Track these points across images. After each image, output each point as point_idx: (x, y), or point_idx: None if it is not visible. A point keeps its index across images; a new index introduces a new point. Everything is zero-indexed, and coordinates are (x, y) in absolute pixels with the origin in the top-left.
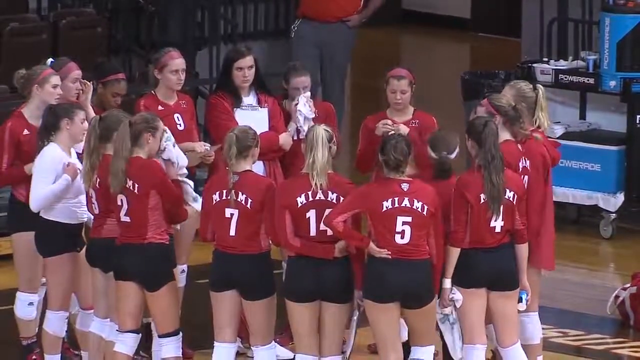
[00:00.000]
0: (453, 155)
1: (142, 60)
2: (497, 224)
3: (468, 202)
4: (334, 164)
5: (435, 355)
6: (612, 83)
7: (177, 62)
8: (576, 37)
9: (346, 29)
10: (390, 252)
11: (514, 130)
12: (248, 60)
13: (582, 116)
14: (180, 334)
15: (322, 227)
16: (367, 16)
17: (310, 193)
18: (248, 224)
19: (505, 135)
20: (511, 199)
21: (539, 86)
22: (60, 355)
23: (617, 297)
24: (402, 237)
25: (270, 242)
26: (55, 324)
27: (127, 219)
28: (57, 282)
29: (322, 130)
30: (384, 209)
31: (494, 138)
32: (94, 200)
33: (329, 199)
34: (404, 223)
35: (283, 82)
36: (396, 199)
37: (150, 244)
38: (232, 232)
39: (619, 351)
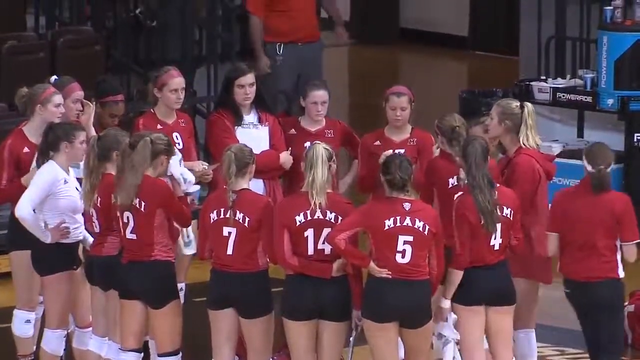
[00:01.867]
0: (609, 169)
1: (140, 79)
2: (496, 242)
3: (470, 223)
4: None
5: None
6: (610, 101)
7: (177, 81)
8: (574, 55)
9: (319, 46)
10: (390, 272)
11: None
12: (249, 78)
13: (580, 134)
14: (180, 354)
15: (320, 246)
16: (342, 23)
17: (309, 212)
18: (246, 242)
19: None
20: (508, 215)
21: (527, 104)
22: None
23: None
24: (403, 257)
25: (268, 260)
26: (53, 343)
27: (133, 236)
28: (55, 301)
29: (322, 149)
30: (386, 227)
31: (474, 158)
32: (94, 219)
33: (327, 218)
34: (405, 242)
35: (300, 98)
36: (398, 217)
37: (157, 262)
38: (230, 251)
39: None
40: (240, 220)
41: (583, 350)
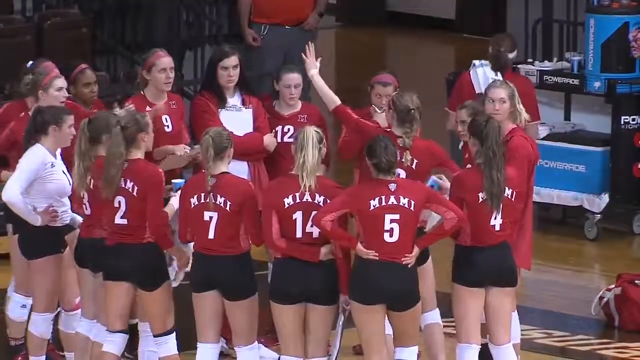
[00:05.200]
0: (512, 55)
1: (126, 61)
2: (497, 222)
3: (464, 201)
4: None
5: (418, 355)
6: (597, 84)
7: (165, 60)
8: (561, 38)
9: (309, 30)
10: (377, 254)
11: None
12: (233, 60)
13: (567, 117)
14: (174, 332)
15: (309, 229)
16: (321, 10)
17: (298, 194)
18: (227, 226)
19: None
20: (510, 196)
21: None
22: (45, 356)
23: (601, 298)
24: (391, 236)
25: (251, 242)
26: (41, 326)
27: (124, 221)
28: (43, 284)
29: (312, 132)
30: (372, 207)
31: (495, 135)
32: (85, 201)
33: (316, 201)
34: (392, 221)
35: (274, 81)
36: (383, 197)
37: (150, 244)
38: (211, 235)
39: (603, 352)
40: (222, 205)
41: (570, 332)
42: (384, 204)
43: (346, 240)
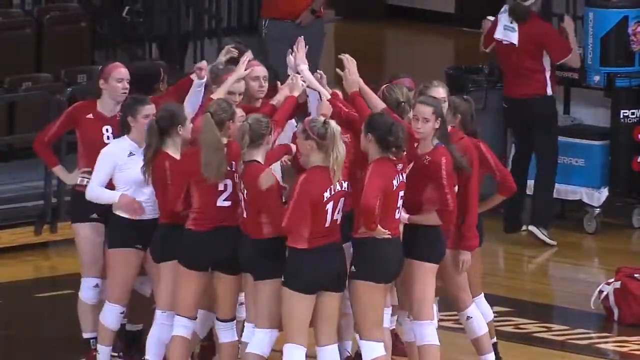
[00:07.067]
0: (528, 3)
1: (126, 55)
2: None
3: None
4: None
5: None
6: (596, 78)
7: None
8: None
9: (315, 24)
10: (390, 232)
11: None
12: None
13: (566, 111)
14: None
15: (335, 216)
16: (314, 7)
17: (332, 187)
18: (248, 210)
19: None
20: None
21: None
22: (111, 347)
23: (601, 292)
24: (399, 212)
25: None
26: (108, 317)
27: (228, 203)
28: (114, 275)
29: (336, 125)
30: (394, 187)
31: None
32: None
33: (343, 188)
34: (400, 197)
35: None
36: (399, 176)
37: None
38: (245, 215)
39: (602, 346)
40: (241, 191)
41: (569, 326)
42: (399, 181)
43: (374, 222)
